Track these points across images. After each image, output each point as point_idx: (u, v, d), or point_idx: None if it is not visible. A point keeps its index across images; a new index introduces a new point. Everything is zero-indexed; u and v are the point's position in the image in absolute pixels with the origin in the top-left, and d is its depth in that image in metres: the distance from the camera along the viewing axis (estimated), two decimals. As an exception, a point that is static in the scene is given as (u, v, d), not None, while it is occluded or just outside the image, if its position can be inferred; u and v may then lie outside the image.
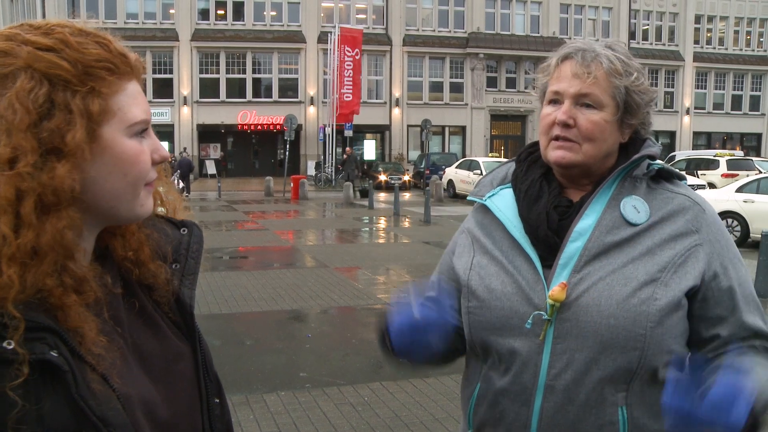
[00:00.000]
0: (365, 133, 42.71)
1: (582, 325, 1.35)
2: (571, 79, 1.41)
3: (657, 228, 1.40)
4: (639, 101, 1.42)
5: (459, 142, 43.93)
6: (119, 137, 0.94)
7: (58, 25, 0.93)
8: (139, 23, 39.36)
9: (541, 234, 1.42)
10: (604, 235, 1.39)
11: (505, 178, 1.57)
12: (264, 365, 5.75)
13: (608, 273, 1.36)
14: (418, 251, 12.63)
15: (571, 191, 1.49)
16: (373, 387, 5.20)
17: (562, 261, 1.39)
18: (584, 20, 45.31)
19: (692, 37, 47.18)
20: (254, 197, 27.06)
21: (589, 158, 1.42)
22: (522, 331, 1.39)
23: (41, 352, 0.83)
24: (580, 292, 1.36)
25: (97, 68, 0.91)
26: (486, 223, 1.54)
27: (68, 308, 0.89)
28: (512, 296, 1.42)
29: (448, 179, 27.78)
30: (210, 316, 7.45)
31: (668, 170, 1.47)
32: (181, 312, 1.12)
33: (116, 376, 0.92)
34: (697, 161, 27.32)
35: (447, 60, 42.88)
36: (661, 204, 1.42)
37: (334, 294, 8.64)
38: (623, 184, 1.43)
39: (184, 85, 39.45)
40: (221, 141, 42.10)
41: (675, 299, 1.35)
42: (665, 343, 1.34)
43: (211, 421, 1.13)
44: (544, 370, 1.37)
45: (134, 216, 1.01)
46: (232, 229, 16.45)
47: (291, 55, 41.07)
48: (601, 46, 1.43)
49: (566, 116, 1.40)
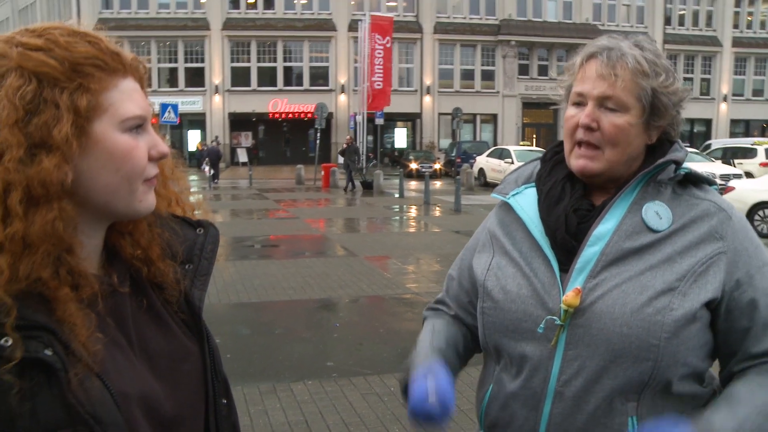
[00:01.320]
0: (396, 121, 42.65)
1: (594, 332, 1.31)
2: (595, 80, 1.36)
3: (679, 235, 1.34)
4: (667, 103, 1.37)
5: (490, 131, 43.62)
6: (111, 132, 0.96)
7: (52, 27, 0.96)
8: (171, 13, 39.69)
9: (559, 237, 1.39)
10: (623, 240, 1.35)
11: (531, 177, 1.54)
12: (292, 354, 5.79)
13: (624, 280, 1.32)
14: (448, 240, 12.59)
15: (595, 193, 1.45)
16: (399, 377, 5.18)
17: (578, 265, 1.36)
18: (618, 6, 44.55)
19: (731, 21, 46.09)
20: (285, 185, 27.22)
21: (612, 164, 1.38)
22: (534, 335, 1.36)
23: (35, 350, 0.85)
24: (595, 299, 1.32)
25: (85, 65, 0.94)
26: (508, 221, 1.51)
27: (62, 302, 0.91)
28: (527, 299, 1.39)
29: (479, 168, 27.62)
30: (239, 305, 7.52)
31: (696, 175, 1.41)
32: (191, 312, 1.13)
33: (113, 374, 0.93)
34: (734, 150, 26.75)
35: (478, 47, 42.53)
36: (685, 210, 1.37)
37: (363, 283, 8.65)
38: (647, 189, 1.38)
39: (216, 74, 39.72)
40: (253, 129, 42.37)
41: (692, 310, 1.30)
42: (680, 355, 1.30)
43: (218, 422, 1.13)
44: (555, 376, 1.35)
45: (133, 212, 1.02)
46: (263, 217, 16.57)
47: (322, 43, 41.10)
48: (628, 44, 1.37)
49: (589, 119, 1.36)
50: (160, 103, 26.23)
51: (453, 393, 1.37)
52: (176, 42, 39.81)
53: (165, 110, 25.64)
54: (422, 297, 7.90)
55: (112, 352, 0.95)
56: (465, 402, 4.69)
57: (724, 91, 46.38)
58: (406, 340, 6.30)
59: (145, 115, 1.01)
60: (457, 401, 4.61)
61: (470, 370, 5.41)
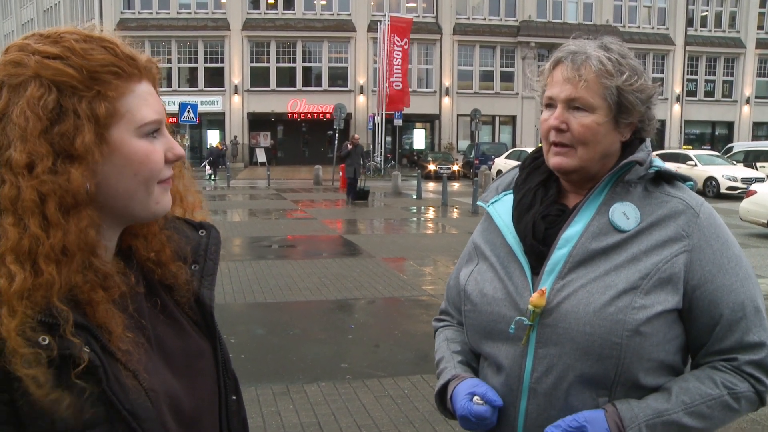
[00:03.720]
0: (415, 122, 42.66)
1: (560, 331, 1.36)
2: (562, 83, 1.42)
3: (645, 234, 1.38)
4: (633, 100, 1.40)
5: (509, 132, 43.50)
6: (128, 138, 0.97)
7: (67, 32, 0.96)
8: (192, 13, 40.01)
9: (527, 243, 1.45)
10: (589, 241, 1.39)
11: (510, 184, 1.60)
12: (306, 355, 5.78)
13: (590, 280, 1.37)
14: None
15: (570, 196, 1.50)
16: (413, 380, 5.17)
17: (548, 268, 1.41)
18: (639, 7, 44.22)
19: (755, 23, 45.58)
20: (303, 186, 27.28)
21: (585, 161, 1.42)
22: (508, 335, 1.42)
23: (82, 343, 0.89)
24: (561, 299, 1.37)
25: (102, 73, 0.94)
26: (489, 228, 1.59)
27: (96, 304, 0.93)
28: (501, 302, 1.45)
29: (497, 169, 27.57)
30: (255, 305, 7.53)
31: (668, 173, 1.44)
32: (201, 311, 1.16)
33: (143, 372, 0.96)
34: (756, 153, 26.48)
35: (498, 49, 42.43)
36: (654, 208, 1.40)
37: (380, 285, 8.63)
38: (615, 190, 1.43)
39: (235, 74, 39.95)
40: (271, 129, 42.57)
41: (654, 308, 1.33)
42: (644, 351, 1.33)
43: (228, 418, 1.17)
44: (528, 374, 1.40)
45: (151, 214, 1.03)
46: (280, 217, 16.60)
47: (341, 44, 41.20)
48: (594, 47, 1.43)
49: (558, 121, 1.42)
50: (180, 102, 26.42)
51: (489, 388, 1.45)
52: (196, 42, 40.08)
53: (184, 110, 25.81)
54: (438, 299, 7.85)
55: (139, 349, 0.98)
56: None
57: (747, 94, 45.86)
58: (421, 342, 6.27)
59: (161, 119, 1.02)
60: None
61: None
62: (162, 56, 39.81)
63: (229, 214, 17.48)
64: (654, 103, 1.46)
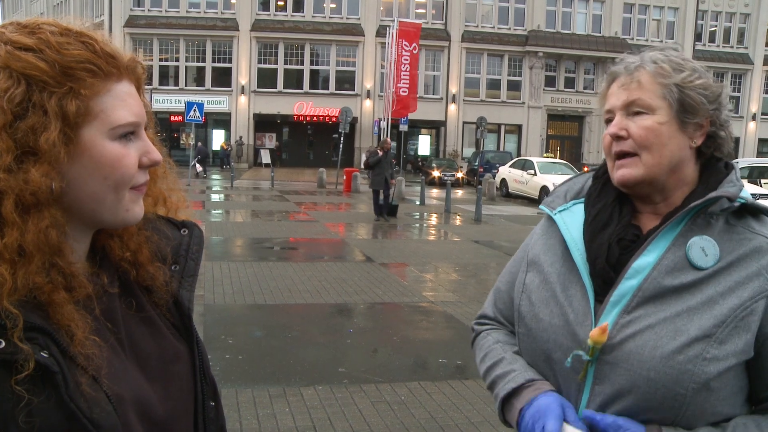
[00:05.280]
0: (420, 128, 42.66)
1: (621, 372, 1.26)
2: (618, 92, 1.36)
3: (724, 274, 1.26)
4: (697, 97, 1.31)
5: (514, 141, 43.49)
6: (100, 140, 0.92)
7: (45, 23, 0.92)
8: (201, 12, 40.10)
9: (599, 266, 1.34)
10: (662, 276, 1.28)
11: (581, 192, 1.50)
12: (304, 358, 5.76)
13: (659, 321, 1.25)
14: (467, 250, 12.52)
15: (645, 218, 1.39)
16: (411, 386, 5.15)
17: (614, 298, 1.30)
18: (648, 21, 44.26)
19: (764, 39, 45.59)
20: (307, 188, 27.28)
21: (651, 169, 1.32)
22: (564, 366, 1.33)
23: (31, 351, 0.83)
24: (626, 337, 1.27)
25: (77, 69, 0.90)
26: (551, 238, 1.48)
27: (58, 305, 0.88)
28: (558, 329, 1.36)
29: (501, 178, 27.48)
30: (255, 307, 7.52)
31: (754, 206, 1.32)
32: (179, 314, 1.12)
33: (107, 377, 0.91)
34: (761, 169, 26.36)
35: (505, 57, 42.47)
36: (734, 246, 1.28)
37: (380, 290, 8.62)
38: (695, 221, 1.31)
39: (243, 75, 40.02)
40: (277, 131, 42.61)
41: (728, 360, 1.22)
42: (709, 406, 1.23)
43: (205, 424, 1.13)
44: (583, 407, 1.32)
45: (120, 221, 0.98)
46: (282, 219, 16.59)
47: (349, 47, 41.26)
48: (652, 53, 1.36)
49: (617, 128, 1.34)
50: (186, 101, 26.47)
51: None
52: (205, 41, 40.16)
53: (190, 109, 25.87)
54: (438, 306, 7.85)
55: (107, 354, 0.93)
56: (475, 415, 4.64)
57: (753, 110, 45.84)
58: (419, 348, 6.26)
59: (138, 121, 0.96)
60: (469, 414, 4.53)
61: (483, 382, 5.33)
62: (170, 54, 39.97)
63: (231, 214, 17.48)
64: (724, 104, 1.35)
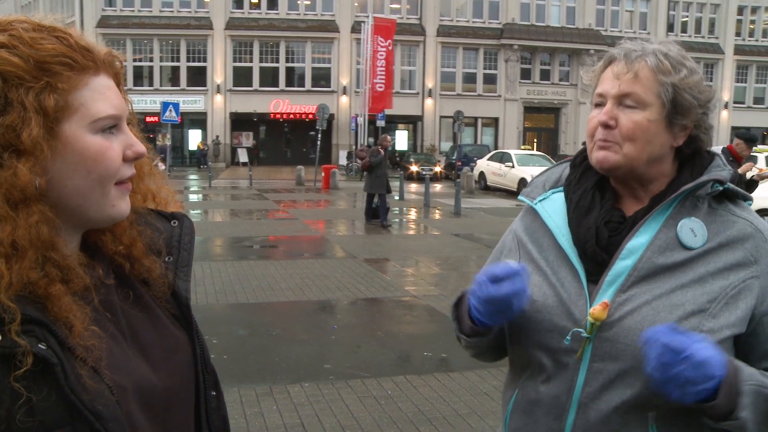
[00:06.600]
0: (397, 123, 42.65)
1: (621, 347, 1.30)
2: (613, 79, 1.36)
3: (713, 255, 1.32)
4: (690, 100, 1.34)
5: (491, 134, 43.63)
6: (81, 133, 0.92)
7: (17, 21, 0.92)
8: (174, 11, 39.72)
9: (589, 249, 1.37)
10: (656, 256, 1.32)
11: (559, 181, 1.52)
12: (289, 356, 5.76)
13: (655, 297, 1.31)
14: (448, 243, 12.57)
15: (625, 202, 1.43)
16: (397, 380, 5.18)
17: (609, 278, 1.34)
18: (621, 12, 44.57)
19: (734, 29, 46.12)
20: (285, 186, 27.19)
21: (630, 160, 1.35)
22: (561, 345, 1.36)
23: (29, 345, 0.83)
24: (624, 314, 1.31)
25: (52, 63, 0.89)
26: (535, 228, 1.50)
27: (55, 298, 0.88)
28: (553, 309, 1.38)
29: (479, 171, 27.59)
30: (237, 306, 7.50)
31: (734, 191, 1.38)
32: (178, 304, 1.12)
33: (108, 367, 0.91)
34: (735, 156, 26.76)
35: (481, 51, 42.55)
36: (720, 228, 1.34)
37: (362, 285, 8.63)
38: (683, 204, 1.36)
39: (218, 74, 39.73)
40: (254, 129, 42.36)
41: (723, 332, 1.28)
42: None
43: (208, 414, 1.13)
44: (579, 387, 1.35)
45: (107, 217, 0.98)
46: (262, 218, 16.53)
47: (324, 44, 41.12)
48: (653, 46, 1.37)
49: (607, 117, 1.35)
50: (162, 101, 26.25)
51: None
52: (179, 41, 39.81)
53: (166, 109, 25.67)
54: (421, 300, 7.88)
55: (108, 344, 0.93)
56: (462, 407, 4.67)
57: (726, 99, 46.38)
58: (404, 343, 6.28)
59: (119, 114, 0.96)
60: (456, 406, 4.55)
61: (469, 375, 5.37)
62: (144, 54, 39.59)
63: (210, 214, 17.38)
64: (711, 109, 1.39)
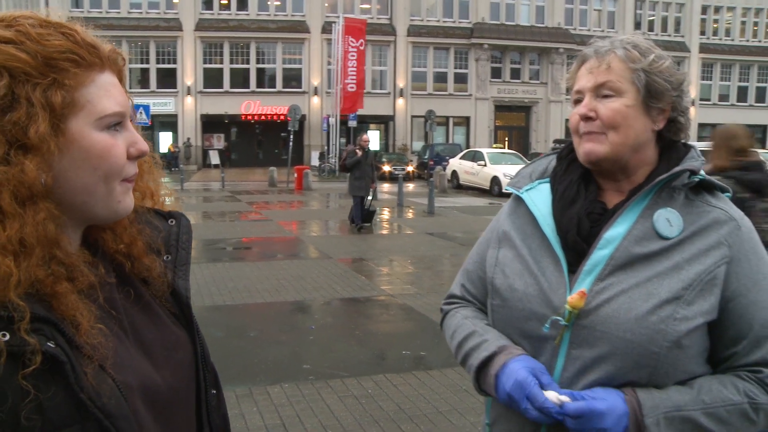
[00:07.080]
0: (369, 123, 42.59)
1: (598, 335, 1.33)
2: (588, 75, 1.43)
3: (688, 243, 1.36)
4: (663, 83, 1.39)
5: (463, 133, 43.81)
6: (88, 130, 0.92)
7: (22, 16, 0.91)
8: (143, 13, 39.27)
9: (570, 239, 1.41)
10: (632, 245, 1.36)
11: (545, 173, 1.57)
12: (267, 357, 5.75)
13: (631, 286, 1.34)
14: (422, 242, 12.62)
15: (608, 194, 1.47)
16: (376, 379, 5.19)
17: (587, 267, 1.38)
18: (590, 11, 45.03)
19: (698, 28, 46.91)
20: (258, 188, 27.04)
21: (616, 147, 1.39)
22: (540, 333, 1.39)
23: (38, 343, 0.82)
24: (601, 302, 1.34)
25: (59, 59, 0.89)
26: (520, 216, 1.55)
27: (61, 296, 0.88)
28: (533, 298, 1.42)
29: (452, 170, 27.71)
30: (213, 308, 7.45)
31: (710, 182, 1.42)
32: (178, 303, 1.13)
33: (114, 365, 0.91)
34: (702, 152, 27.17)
35: (451, 50, 42.71)
36: (695, 218, 1.38)
37: (338, 285, 8.63)
38: (660, 194, 1.40)
39: (188, 75, 39.39)
40: (225, 131, 42.06)
41: (696, 319, 1.31)
42: (680, 363, 1.32)
43: (208, 412, 1.13)
44: (558, 372, 1.38)
45: (112, 213, 0.98)
46: (235, 219, 16.44)
47: (295, 45, 40.97)
48: (621, 39, 1.43)
49: (586, 109, 1.41)
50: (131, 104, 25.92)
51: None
52: (148, 42, 39.38)
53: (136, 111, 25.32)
54: (397, 299, 7.90)
55: (113, 342, 0.93)
56: (443, 404, 4.71)
57: (692, 96, 47.12)
58: (381, 342, 6.30)
59: (124, 111, 0.96)
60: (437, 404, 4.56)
61: (448, 372, 5.39)
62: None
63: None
64: (685, 92, 1.44)
